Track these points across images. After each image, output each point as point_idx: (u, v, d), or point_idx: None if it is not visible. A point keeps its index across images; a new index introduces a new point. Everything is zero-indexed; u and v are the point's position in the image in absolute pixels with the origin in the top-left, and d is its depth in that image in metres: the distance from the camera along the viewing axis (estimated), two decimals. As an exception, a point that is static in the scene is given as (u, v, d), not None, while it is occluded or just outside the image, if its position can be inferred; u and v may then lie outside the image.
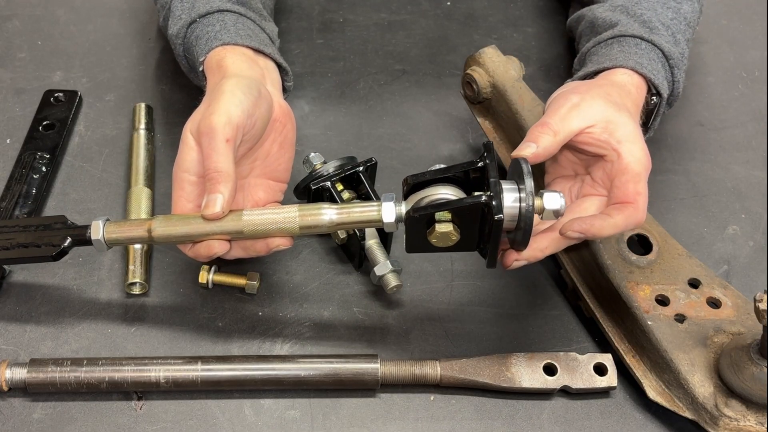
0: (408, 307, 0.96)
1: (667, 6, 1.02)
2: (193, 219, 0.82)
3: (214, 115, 0.80)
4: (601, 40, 0.99)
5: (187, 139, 0.83)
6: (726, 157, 1.15)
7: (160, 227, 0.83)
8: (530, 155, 0.81)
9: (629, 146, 0.83)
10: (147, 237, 0.83)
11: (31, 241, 0.86)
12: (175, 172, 0.83)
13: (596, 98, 0.85)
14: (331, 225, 0.82)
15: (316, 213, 0.82)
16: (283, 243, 0.84)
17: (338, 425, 0.86)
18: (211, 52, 0.92)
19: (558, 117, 0.84)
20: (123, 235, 0.84)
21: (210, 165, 0.80)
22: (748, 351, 0.79)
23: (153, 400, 0.87)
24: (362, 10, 1.32)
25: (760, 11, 1.37)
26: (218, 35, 0.94)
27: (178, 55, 1.02)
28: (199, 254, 0.83)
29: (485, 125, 1.10)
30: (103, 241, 0.84)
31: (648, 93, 0.94)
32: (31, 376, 0.84)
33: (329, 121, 1.15)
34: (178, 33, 0.99)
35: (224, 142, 0.80)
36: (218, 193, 0.79)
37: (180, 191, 0.83)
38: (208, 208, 0.80)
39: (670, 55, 0.96)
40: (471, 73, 1.07)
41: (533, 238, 0.82)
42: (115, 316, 0.93)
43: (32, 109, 1.13)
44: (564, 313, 0.97)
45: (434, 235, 0.79)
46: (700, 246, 1.03)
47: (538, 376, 0.87)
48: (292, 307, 0.95)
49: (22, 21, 1.27)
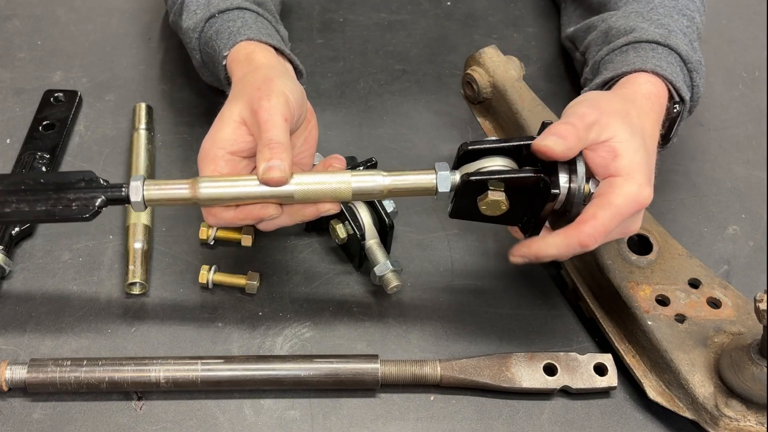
0: (408, 307, 0.96)
1: (683, 14, 1.01)
2: (241, 180, 0.80)
3: (273, 95, 0.80)
4: (616, 47, 0.97)
5: (231, 116, 0.82)
6: (726, 157, 1.15)
7: (207, 187, 0.79)
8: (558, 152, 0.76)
9: (622, 182, 0.79)
10: (191, 197, 0.80)
11: (61, 201, 0.81)
12: (209, 147, 0.82)
13: (615, 116, 0.81)
14: (383, 191, 0.81)
15: (369, 179, 0.81)
16: (333, 207, 0.82)
17: (338, 425, 0.86)
18: (237, 46, 0.93)
19: (582, 122, 0.79)
20: (164, 194, 0.80)
21: (269, 136, 0.79)
22: (748, 351, 0.79)
23: (153, 400, 0.87)
24: (362, 10, 1.32)
25: (760, 11, 1.37)
26: (241, 30, 0.94)
27: (192, 49, 1.02)
28: (251, 215, 0.81)
29: (485, 125, 1.10)
30: (143, 201, 0.80)
31: (669, 101, 0.91)
32: (31, 376, 0.84)
33: (329, 121, 1.15)
34: (195, 27, 1.00)
35: (283, 120, 0.80)
36: (279, 159, 0.78)
37: (212, 165, 0.81)
38: (271, 171, 0.78)
39: (688, 59, 0.94)
40: (471, 73, 1.07)
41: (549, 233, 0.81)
42: (115, 316, 0.93)
43: (32, 109, 1.13)
44: (564, 313, 0.97)
45: (485, 202, 0.79)
46: (700, 246, 1.03)
47: (538, 376, 0.87)
48: (292, 307, 0.95)
49: (22, 21, 1.27)
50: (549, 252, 0.80)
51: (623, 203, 0.78)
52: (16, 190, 0.82)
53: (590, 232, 0.78)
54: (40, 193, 0.81)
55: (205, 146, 0.83)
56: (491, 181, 0.79)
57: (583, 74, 1.03)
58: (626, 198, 0.78)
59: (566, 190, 0.79)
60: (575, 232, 0.78)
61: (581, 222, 0.78)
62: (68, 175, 0.82)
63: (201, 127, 1.13)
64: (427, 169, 0.82)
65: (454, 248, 1.01)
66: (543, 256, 0.81)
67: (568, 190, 0.79)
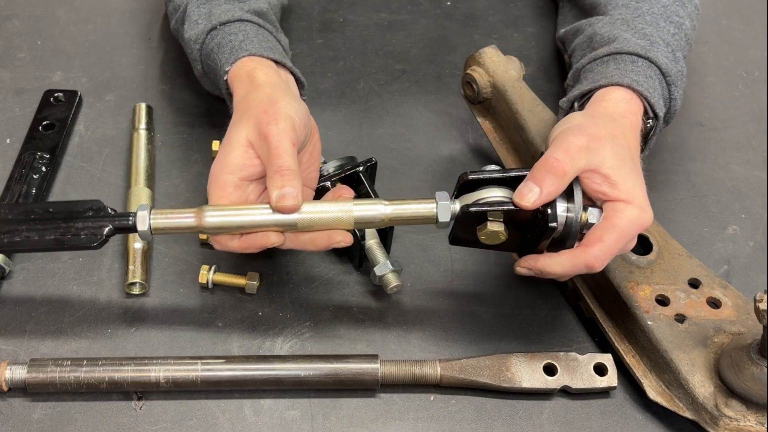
0: (408, 307, 0.96)
1: (670, 21, 1.01)
2: (246, 209, 0.81)
3: (280, 120, 0.81)
4: (597, 56, 0.97)
5: (239, 141, 0.83)
6: (726, 157, 1.15)
7: (213, 216, 0.81)
8: (530, 204, 0.78)
9: (624, 207, 0.80)
10: (196, 226, 0.81)
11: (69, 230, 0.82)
12: (217, 174, 0.83)
13: (603, 142, 0.82)
14: (384, 220, 0.82)
15: (371, 209, 0.82)
16: (345, 239, 0.83)
17: (338, 425, 0.86)
18: (238, 62, 0.93)
19: (567, 155, 0.80)
20: (171, 223, 0.82)
21: (280, 163, 0.80)
22: (748, 351, 0.79)
23: (153, 400, 0.87)
24: (362, 10, 1.32)
25: (760, 11, 1.37)
26: (243, 45, 0.95)
27: (194, 60, 1.02)
28: (254, 244, 0.82)
29: (485, 125, 1.10)
30: (149, 231, 0.82)
31: (644, 115, 0.92)
32: (31, 376, 0.84)
33: (329, 121, 1.15)
34: (196, 38, 1.00)
35: (291, 145, 0.81)
36: (291, 187, 0.79)
37: (221, 192, 0.82)
38: (284, 199, 0.79)
39: (668, 72, 0.95)
40: (471, 73, 1.06)
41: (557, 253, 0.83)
42: (115, 316, 0.93)
43: (32, 109, 1.13)
44: (564, 313, 0.97)
45: (484, 233, 0.81)
46: (700, 246, 1.03)
47: (538, 376, 0.87)
48: (292, 307, 0.95)
49: (22, 21, 1.27)
50: (554, 269, 0.82)
51: (627, 226, 0.80)
52: (25, 219, 0.83)
53: (597, 254, 0.80)
54: (48, 222, 0.83)
55: (214, 171, 0.83)
56: (490, 212, 0.81)
57: (567, 79, 1.04)
58: (629, 221, 0.80)
59: (564, 219, 0.80)
60: (582, 253, 0.80)
61: (588, 244, 0.80)
62: (76, 204, 0.84)
63: (201, 127, 1.13)
64: (427, 198, 0.83)
65: (454, 248, 1.01)
66: (547, 273, 0.83)
67: (565, 220, 0.80)
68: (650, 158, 1.11)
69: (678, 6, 1.03)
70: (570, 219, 0.80)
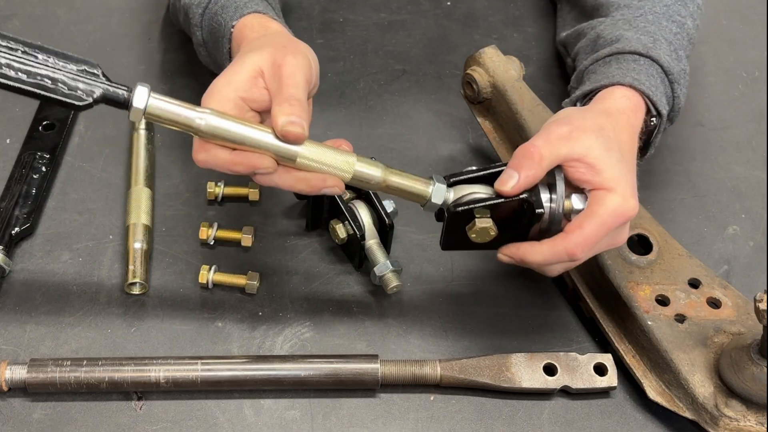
0: (408, 307, 0.96)
1: (672, 20, 1.01)
2: (248, 125, 0.77)
3: (299, 54, 0.79)
4: (600, 57, 0.97)
5: (251, 63, 0.79)
6: (726, 157, 1.15)
7: (214, 119, 0.76)
8: (509, 189, 0.79)
9: (606, 194, 0.80)
10: (193, 125, 0.76)
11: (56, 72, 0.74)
12: (219, 87, 0.79)
13: (587, 132, 0.82)
14: (380, 183, 0.82)
15: (372, 168, 0.81)
16: (337, 186, 0.80)
17: (338, 425, 0.86)
18: (246, 17, 0.91)
19: (547, 142, 0.81)
20: (168, 110, 0.76)
21: (292, 92, 0.77)
22: (748, 351, 0.79)
23: (153, 400, 0.87)
24: (362, 10, 1.32)
25: (760, 11, 1.37)
26: (248, 4, 0.93)
27: (194, 26, 1.00)
28: (245, 161, 0.77)
29: (485, 125, 1.10)
30: (143, 110, 0.75)
31: (647, 114, 0.92)
32: (31, 376, 0.84)
33: (329, 121, 1.15)
34: (199, 2, 0.98)
35: (304, 81, 0.79)
36: (299, 117, 0.76)
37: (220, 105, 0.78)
38: (292, 126, 0.76)
39: (670, 70, 0.95)
40: (471, 73, 1.07)
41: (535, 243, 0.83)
42: (115, 316, 0.93)
43: (32, 109, 1.13)
44: (564, 313, 0.97)
45: (474, 230, 0.81)
46: (700, 246, 1.03)
47: (538, 376, 0.87)
48: (292, 307, 0.95)
49: (22, 21, 1.27)
50: (534, 258, 0.82)
51: (607, 214, 0.80)
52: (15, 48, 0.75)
53: (577, 241, 0.79)
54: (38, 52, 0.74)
55: (217, 84, 0.79)
56: (476, 209, 0.81)
57: (570, 81, 1.04)
58: (610, 210, 0.80)
59: (548, 209, 0.81)
60: (562, 241, 0.80)
61: (567, 232, 0.80)
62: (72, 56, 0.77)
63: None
64: (426, 177, 0.83)
65: (454, 248, 1.02)
66: (528, 261, 0.83)
67: (549, 210, 0.81)
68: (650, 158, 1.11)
69: (680, 6, 1.03)
70: (552, 209, 0.81)
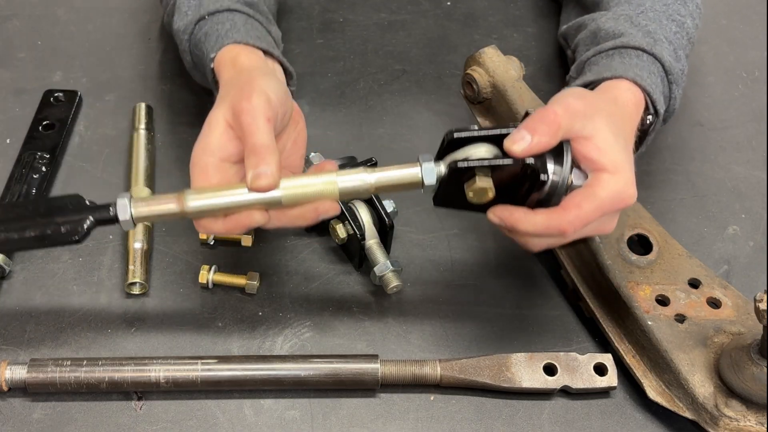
0: (408, 307, 0.96)
1: (672, 19, 1.01)
2: (227, 190, 0.79)
3: (254, 95, 0.80)
4: (603, 49, 0.97)
5: (217, 121, 0.81)
6: (726, 157, 1.15)
7: (194, 200, 0.78)
8: (519, 150, 0.76)
9: (609, 177, 0.79)
10: (179, 212, 0.79)
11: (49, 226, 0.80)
12: (198, 156, 0.81)
13: (601, 113, 0.81)
14: (370, 189, 0.81)
15: (355, 178, 0.80)
16: (332, 208, 0.80)
17: (338, 425, 0.86)
18: (223, 49, 0.93)
19: (566, 112, 0.78)
20: (152, 210, 0.79)
21: (255, 141, 0.78)
22: (748, 351, 0.79)
23: (153, 400, 0.87)
24: (362, 10, 1.32)
25: (760, 11, 1.37)
26: (229, 33, 0.94)
27: (183, 51, 1.02)
28: (239, 225, 0.79)
29: (485, 125, 1.09)
30: (131, 220, 0.79)
31: (644, 111, 0.92)
32: (31, 376, 0.84)
33: (329, 121, 1.15)
34: (185, 28, 0.99)
35: (266, 121, 0.79)
36: (266, 165, 0.77)
37: (202, 175, 0.80)
38: (259, 179, 0.77)
39: (670, 70, 0.95)
40: (471, 73, 1.06)
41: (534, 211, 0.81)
42: (115, 316, 0.93)
43: (32, 109, 1.13)
44: (564, 313, 0.97)
45: (472, 188, 0.79)
46: (700, 246, 1.03)
47: (538, 376, 0.87)
48: (292, 307, 0.95)
49: (22, 21, 1.27)
50: (526, 227, 0.79)
51: (608, 197, 0.78)
52: (4, 219, 0.81)
53: (572, 220, 0.77)
54: (28, 219, 0.81)
55: (195, 153, 0.82)
56: (479, 168, 0.78)
57: (570, 71, 1.04)
58: (611, 193, 0.78)
59: (551, 180, 0.78)
60: (557, 216, 0.78)
61: (565, 208, 0.78)
62: (55, 200, 0.82)
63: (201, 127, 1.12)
64: (411, 162, 0.81)
65: (454, 248, 1.01)
66: (519, 228, 0.79)
67: (552, 181, 0.78)
68: (650, 158, 1.12)
69: (679, 5, 1.03)
70: (555, 181, 0.78)
